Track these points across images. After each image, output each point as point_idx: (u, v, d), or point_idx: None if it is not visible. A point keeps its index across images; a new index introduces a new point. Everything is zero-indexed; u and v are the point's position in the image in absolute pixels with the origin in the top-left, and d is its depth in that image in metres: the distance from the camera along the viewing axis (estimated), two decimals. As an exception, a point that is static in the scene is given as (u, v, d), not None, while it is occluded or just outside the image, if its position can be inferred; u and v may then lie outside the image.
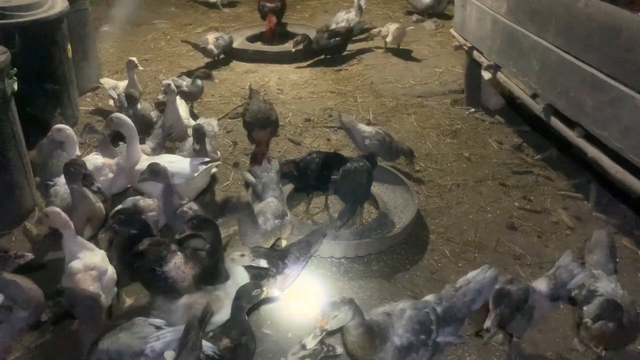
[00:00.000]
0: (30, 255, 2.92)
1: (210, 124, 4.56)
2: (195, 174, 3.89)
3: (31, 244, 3.97)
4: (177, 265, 3.05)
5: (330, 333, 2.41)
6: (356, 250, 3.73)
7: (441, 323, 2.64)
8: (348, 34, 7.37)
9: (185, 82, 5.54)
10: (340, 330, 2.52)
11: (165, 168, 3.62)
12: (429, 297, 2.76)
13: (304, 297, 3.48)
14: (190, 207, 3.70)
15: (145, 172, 3.60)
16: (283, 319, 3.33)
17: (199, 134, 4.18)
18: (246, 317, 2.74)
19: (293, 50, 7.04)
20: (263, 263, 2.99)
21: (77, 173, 3.38)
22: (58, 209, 3.19)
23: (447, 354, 3.06)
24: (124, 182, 4.16)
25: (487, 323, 2.65)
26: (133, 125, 4.05)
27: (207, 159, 4.04)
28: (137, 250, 3.01)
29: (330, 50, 7.29)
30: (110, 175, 4.07)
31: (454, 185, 4.67)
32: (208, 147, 4.44)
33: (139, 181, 3.71)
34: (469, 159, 5.07)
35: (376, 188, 4.40)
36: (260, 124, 4.64)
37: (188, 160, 4.01)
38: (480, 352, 3.11)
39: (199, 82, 5.66)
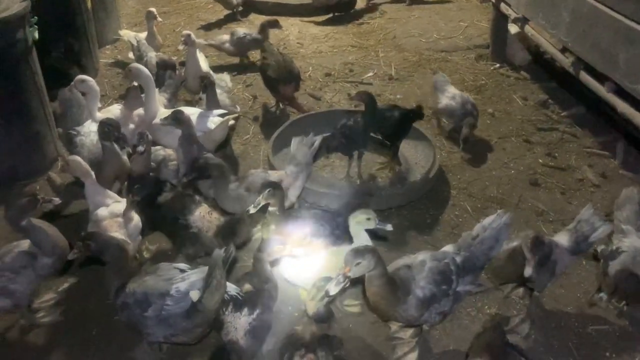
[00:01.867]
0: (57, 200, 2.97)
1: (223, 79, 4.53)
2: (213, 127, 3.87)
3: (55, 194, 4.02)
4: (202, 215, 3.08)
5: (353, 281, 2.41)
6: (377, 203, 3.71)
7: (461, 272, 2.64)
8: None
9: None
10: (362, 281, 2.53)
11: (189, 116, 3.60)
12: (448, 248, 2.75)
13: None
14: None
15: (168, 117, 3.58)
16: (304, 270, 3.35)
17: (206, 83, 4.13)
18: (268, 267, 2.76)
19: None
20: (389, 227, 2.82)
21: (111, 133, 3.40)
22: (78, 158, 3.23)
23: (467, 306, 3.07)
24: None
25: (528, 271, 2.62)
26: (151, 76, 4.03)
27: (224, 112, 4.02)
28: (159, 202, 3.04)
29: (338, 7, 7.01)
30: (131, 126, 4.07)
31: (477, 140, 4.59)
32: (226, 100, 4.42)
33: (161, 124, 3.70)
34: (493, 115, 4.97)
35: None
36: (285, 79, 4.59)
37: (207, 113, 3.99)
38: (500, 305, 3.11)
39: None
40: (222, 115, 3.96)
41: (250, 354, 2.44)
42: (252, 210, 2.90)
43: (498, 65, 5.78)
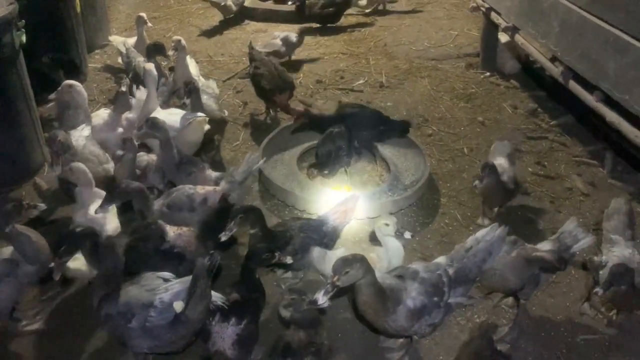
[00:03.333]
0: (43, 206, 2.91)
1: (209, 86, 4.54)
2: (181, 127, 3.92)
3: (41, 199, 3.96)
4: (177, 232, 2.95)
5: (341, 290, 2.39)
6: (367, 211, 3.70)
7: (453, 284, 2.62)
8: (343, 5, 6.95)
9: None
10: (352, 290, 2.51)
11: (164, 122, 3.58)
12: (441, 259, 2.73)
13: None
14: (190, 160, 3.68)
15: (144, 126, 3.56)
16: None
17: (190, 88, 4.11)
18: (256, 276, 2.73)
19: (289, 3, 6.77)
20: (407, 235, 2.96)
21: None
22: (83, 165, 3.20)
23: (457, 316, 3.05)
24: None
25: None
26: (157, 78, 4.21)
27: (198, 114, 4.02)
28: (129, 245, 2.84)
29: (323, 20, 6.92)
30: (120, 130, 4.03)
31: (467, 149, 4.59)
32: (213, 105, 4.41)
33: (138, 135, 3.67)
34: (483, 123, 4.98)
35: (387, 151, 4.35)
36: (279, 88, 4.59)
37: (181, 114, 4.02)
38: (490, 315, 3.10)
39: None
40: (194, 117, 3.98)
41: (237, 364, 2.40)
42: (223, 238, 2.81)
43: (488, 73, 5.81)
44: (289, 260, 2.79)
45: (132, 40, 5.50)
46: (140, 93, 4.34)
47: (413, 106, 5.22)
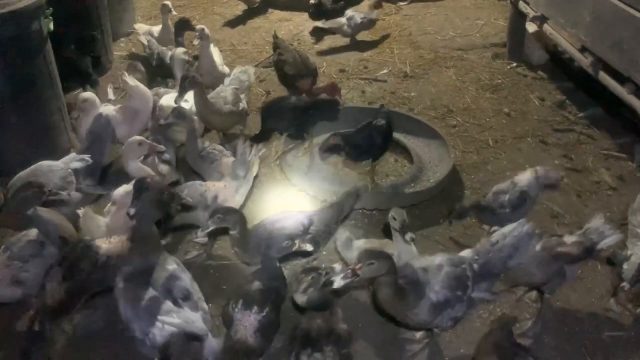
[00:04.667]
0: (64, 194, 2.96)
1: (246, 72, 4.40)
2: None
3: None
4: (107, 244, 2.82)
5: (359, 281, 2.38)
6: (388, 202, 3.67)
7: (477, 279, 2.59)
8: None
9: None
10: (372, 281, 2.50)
11: (190, 112, 3.58)
12: (465, 253, 2.70)
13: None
14: (215, 148, 3.69)
15: (170, 115, 3.57)
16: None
17: (187, 83, 3.73)
18: (277, 264, 2.74)
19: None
20: (408, 236, 2.77)
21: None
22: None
23: (479, 309, 3.02)
24: (127, 129, 4.03)
25: None
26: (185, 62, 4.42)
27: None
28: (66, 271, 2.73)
29: (335, 15, 6.58)
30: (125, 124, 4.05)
31: (492, 140, 4.52)
32: (229, 97, 4.08)
33: (164, 125, 3.68)
34: (509, 114, 4.90)
35: (411, 142, 4.31)
36: (303, 74, 4.56)
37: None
38: (513, 308, 3.06)
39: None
40: None
41: (259, 353, 2.41)
42: (200, 236, 2.81)
43: (515, 64, 5.70)
44: (309, 247, 2.79)
45: (157, 29, 5.53)
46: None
47: (437, 96, 5.15)
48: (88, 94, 3.99)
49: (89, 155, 3.48)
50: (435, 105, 5.00)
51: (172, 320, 2.28)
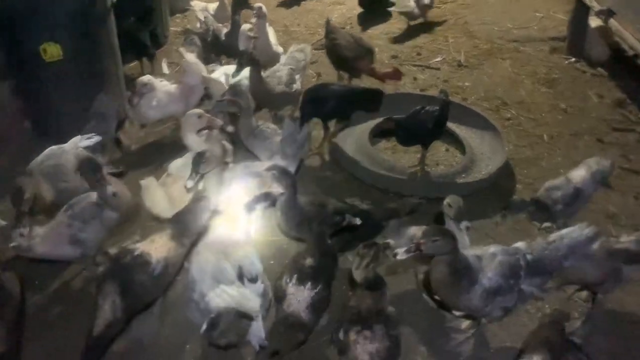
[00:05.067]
0: (117, 170, 3.03)
1: (303, 50, 4.38)
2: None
3: (121, 153, 4.14)
4: (157, 253, 2.63)
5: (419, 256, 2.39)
6: (438, 191, 3.64)
7: (530, 272, 2.55)
8: None
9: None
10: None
11: (247, 89, 3.60)
12: (520, 244, 2.66)
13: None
14: (268, 126, 3.71)
15: (227, 92, 3.60)
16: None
17: (244, 60, 3.83)
18: (328, 241, 2.76)
19: None
20: (463, 224, 2.84)
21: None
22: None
23: (527, 304, 2.97)
24: (183, 105, 4.14)
25: None
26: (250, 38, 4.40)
27: None
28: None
29: (372, 3, 6.58)
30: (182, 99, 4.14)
31: (547, 136, 4.41)
32: (284, 78, 4.11)
33: (218, 101, 3.72)
34: (566, 110, 4.76)
35: (463, 132, 4.25)
36: (360, 55, 4.51)
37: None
38: (562, 306, 3.00)
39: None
40: None
41: (309, 328, 2.44)
42: (189, 185, 2.82)
43: (574, 59, 5.52)
44: (357, 221, 2.80)
45: (213, 6, 5.58)
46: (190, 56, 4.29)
47: (492, 88, 5.05)
48: (147, 78, 4.08)
49: (95, 134, 3.46)
50: (489, 97, 4.90)
51: (231, 292, 2.33)
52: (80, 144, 3.34)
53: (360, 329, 2.27)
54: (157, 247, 2.58)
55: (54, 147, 3.29)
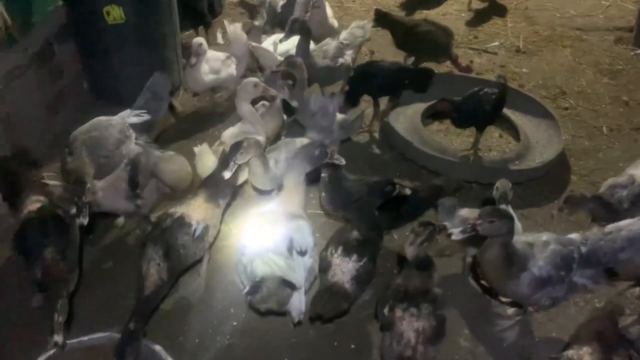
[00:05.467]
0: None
1: (363, 27, 4.29)
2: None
3: (174, 119, 4.21)
4: (197, 215, 2.68)
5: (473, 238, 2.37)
6: (490, 177, 3.56)
7: (583, 264, 2.49)
8: None
9: None
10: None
11: (301, 61, 3.56)
12: (575, 235, 2.59)
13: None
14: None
15: (282, 63, 3.58)
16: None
17: (295, 27, 3.78)
18: (375, 213, 2.75)
19: None
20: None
21: None
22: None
23: (577, 296, 2.90)
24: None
25: None
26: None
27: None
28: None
29: None
30: (232, 67, 4.17)
31: (606, 128, 4.25)
32: (332, 52, 4.07)
33: (273, 71, 3.70)
34: (627, 103, 4.58)
35: (519, 119, 4.14)
36: (452, 42, 4.43)
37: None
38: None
39: None
40: None
41: (352, 299, 2.45)
42: (227, 176, 2.70)
43: (640, 51, 5.29)
44: (407, 191, 2.78)
45: (270, -22, 5.55)
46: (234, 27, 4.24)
47: (550, 76, 4.89)
48: (201, 39, 4.05)
49: (145, 112, 3.38)
50: (548, 85, 4.75)
51: (279, 261, 2.35)
52: (128, 119, 3.28)
53: (406, 307, 2.26)
54: (194, 209, 2.65)
55: (102, 117, 3.22)
